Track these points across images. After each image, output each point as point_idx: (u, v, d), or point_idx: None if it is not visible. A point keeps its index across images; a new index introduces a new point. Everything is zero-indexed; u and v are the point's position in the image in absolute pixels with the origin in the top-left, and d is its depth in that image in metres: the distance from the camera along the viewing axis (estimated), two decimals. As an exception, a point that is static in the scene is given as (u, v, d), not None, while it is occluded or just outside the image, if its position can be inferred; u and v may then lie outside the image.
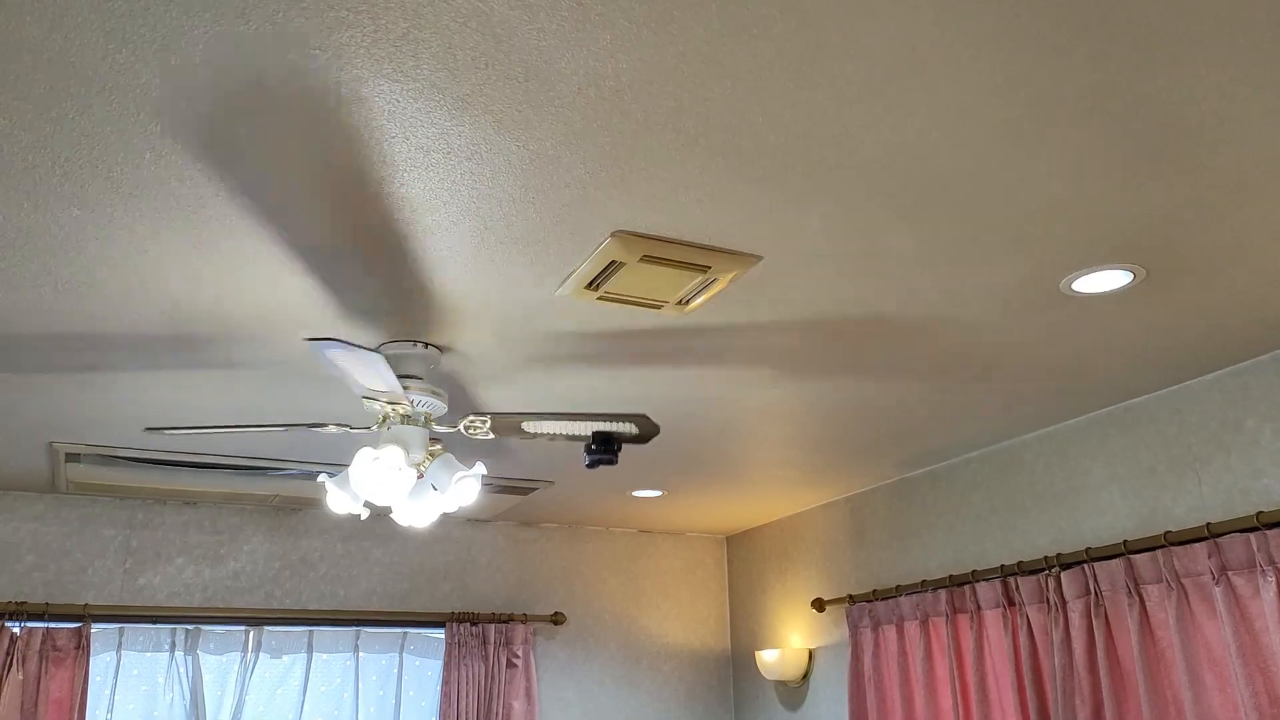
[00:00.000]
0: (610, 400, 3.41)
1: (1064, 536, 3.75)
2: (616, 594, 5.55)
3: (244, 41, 1.62)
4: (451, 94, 1.77)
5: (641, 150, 1.95)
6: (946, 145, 1.96)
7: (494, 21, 1.59)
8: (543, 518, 5.32)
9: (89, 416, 3.46)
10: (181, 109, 1.80)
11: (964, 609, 4.03)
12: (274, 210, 2.15)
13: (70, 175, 2.00)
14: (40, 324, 2.69)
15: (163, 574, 4.63)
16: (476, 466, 2.79)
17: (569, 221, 2.22)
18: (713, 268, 2.42)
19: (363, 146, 1.92)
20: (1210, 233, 2.33)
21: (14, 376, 3.07)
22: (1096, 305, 2.72)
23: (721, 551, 5.90)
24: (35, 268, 2.37)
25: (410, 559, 5.13)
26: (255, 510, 4.87)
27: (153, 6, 1.54)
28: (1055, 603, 3.59)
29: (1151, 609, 3.30)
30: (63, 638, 4.26)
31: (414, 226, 2.22)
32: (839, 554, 4.97)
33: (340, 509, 2.86)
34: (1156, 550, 3.30)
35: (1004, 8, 1.59)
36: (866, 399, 3.46)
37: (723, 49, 1.67)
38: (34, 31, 1.59)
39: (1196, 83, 1.79)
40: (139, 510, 4.66)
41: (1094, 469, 3.67)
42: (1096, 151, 1.99)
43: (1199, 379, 3.32)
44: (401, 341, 2.86)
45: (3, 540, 4.40)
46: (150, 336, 2.79)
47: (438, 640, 5.04)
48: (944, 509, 4.35)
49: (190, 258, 2.35)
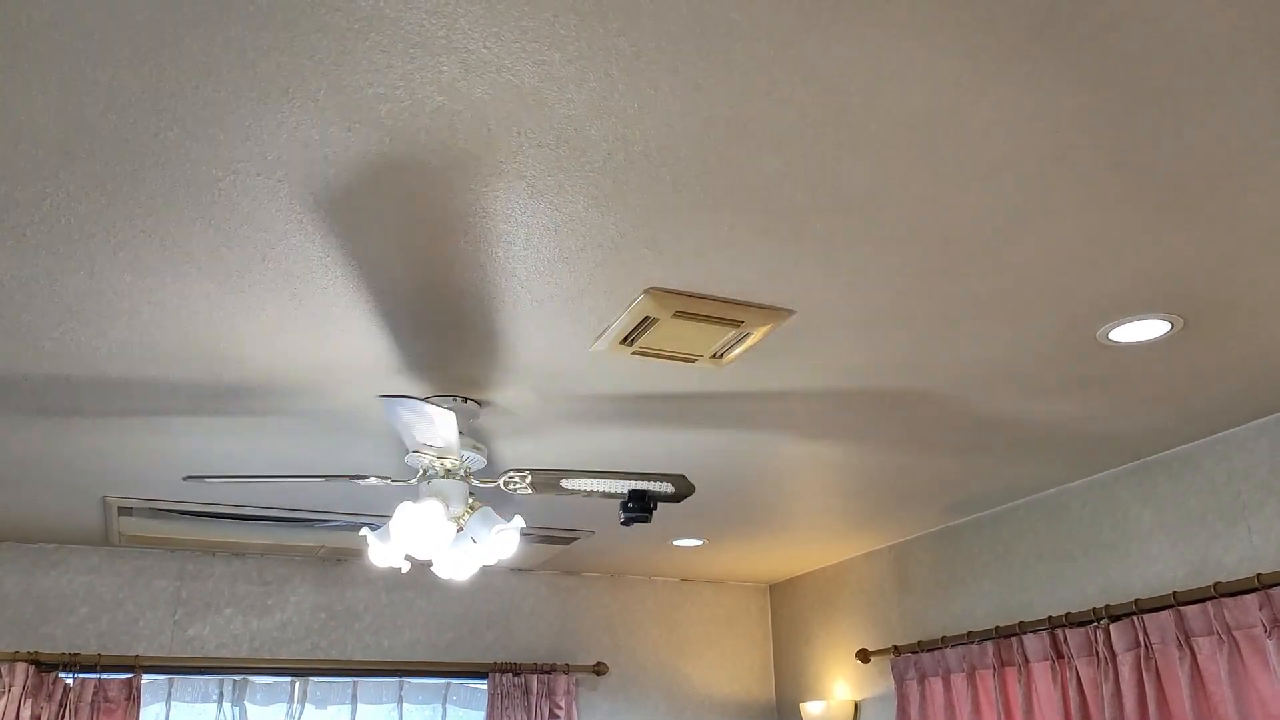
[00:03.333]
0: (646, 452, 3.43)
1: (1112, 586, 3.69)
2: (659, 643, 5.52)
3: (288, 117, 1.70)
4: (485, 162, 1.83)
5: (671, 211, 2.00)
6: (973, 201, 1.98)
7: (525, 93, 1.65)
8: (584, 567, 5.33)
9: (140, 471, 3.56)
10: (230, 180, 1.87)
11: (1011, 661, 3.96)
12: (317, 273, 2.22)
13: (125, 244, 2.08)
14: (96, 383, 2.78)
15: (211, 625, 4.70)
16: (515, 520, 2.82)
17: (603, 280, 2.27)
18: (745, 322, 2.45)
19: (404, 215, 1.98)
20: (1247, 281, 2.32)
21: (71, 433, 3.17)
22: (1136, 354, 2.70)
23: (765, 600, 5.85)
24: (92, 331, 2.46)
25: (453, 609, 5.15)
26: (302, 561, 4.94)
27: (202, 86, 1.62)
28: (1105, 655, 3.52)
29: (1203, 662, 3.22)
30: (114, 689, 4.33)
31: (450, 289, 2.28)
32: (883, 603, 4.91)
33: (381, 562, 2.91)
34: (1207, 601, 3.24)
35: (1024, 70, 1.61)
36: (906, 450, 3.45)
37: (747, 114, 1.71)
38: (91, 111, 1.67)
39: (1220, 136, 1.79)
40: (189, 561, 4.74)
41: (1142, 517, 3.61)
42: (1125, 204, 2.00)
43: (1246, 425, 3.26)
44: (442, 397, 2.91)
45: (58, 592, 4.50)
46: (199, 394, 2.87)
47: (481, 691, 5.04)
48: (989, 558, 4.30)
49: (237, 319, 2.43)
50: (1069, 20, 1.51)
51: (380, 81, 1.62)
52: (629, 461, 3.53)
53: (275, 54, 1.55)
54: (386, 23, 1.49)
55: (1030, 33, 1.54)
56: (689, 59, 1.58)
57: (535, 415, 3.09)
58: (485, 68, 1.59)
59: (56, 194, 1.91)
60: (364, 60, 1.57)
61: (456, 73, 1.60)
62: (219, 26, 1.50)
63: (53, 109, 1.67)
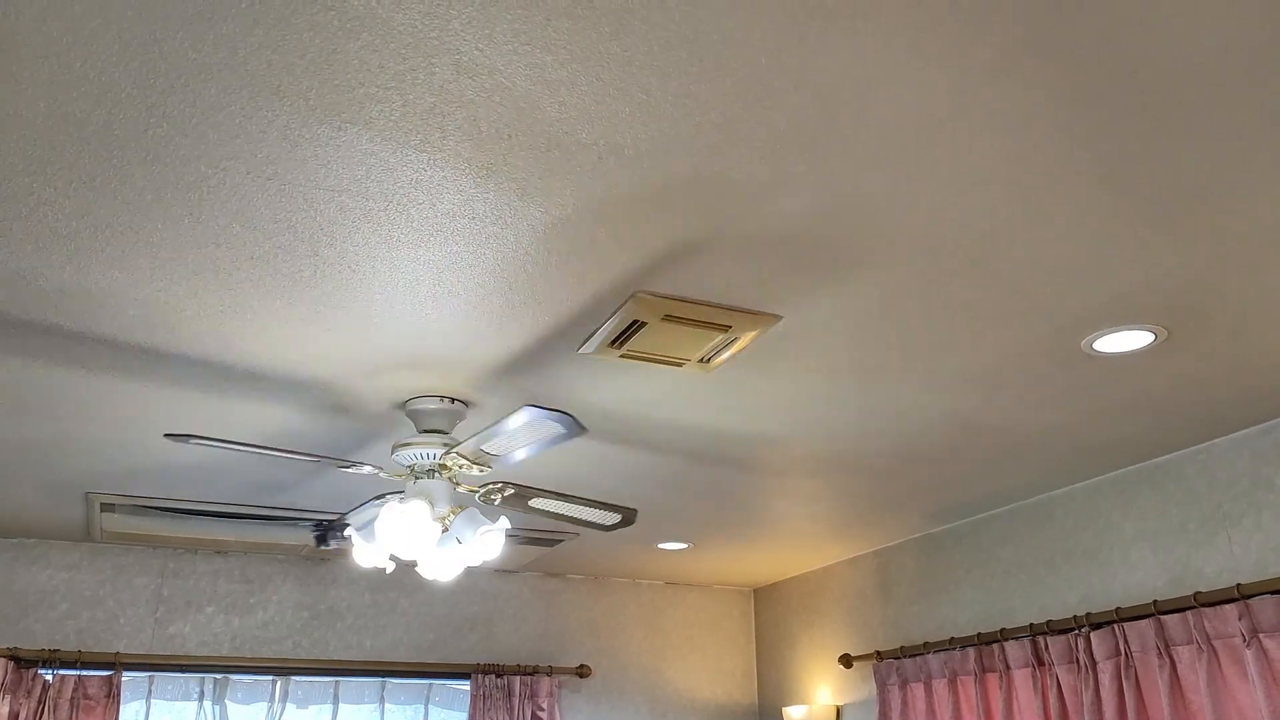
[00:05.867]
0: (631, 457, 3.43)
1: (1094, 594, 3.71)
2: (642, 646, 5.52)
3: (278, 116, 1.69)
4: (476, 163, 1.83)
5: (660, 215, 2.00)
6: (961, 210, 1.99)
7: (516, 96, 1.65)
8: (569, 569, 5.33)
9: (124, 467, 3.54)
10: (219, 177, 1.87)
11: (993, 668, 3.98)
12: (305, 273, 2.21)
13: (111, 241, 2.07)
14: (80, 379, 2.76)
15: (193, 623, 4.67)
16: (500, 521, 2.82)
17: (592, 283, 2.27)
18: (733, 326, 2.46)
19: (391, 212, 1.98)
20: (1231, 293, 2.34)
21: (53, 428, 3.15)
22: (1119, 364, 2.72)
23: (749, 604, 5.86)
24: (77, 326, 2.45)
25: (437, 610, 5.14)
26: (284, 560, 4.92)
27: (192, 83, 1.62)
28: (1085, 663, 3.54)
29: (1182, 671, 3.24)
30: (94, 686, 4.30)
31: (440, 288, 2.28)
32: (867, 609, 4.93)
33: (366, 562, 2.90)
34: (1187, 611, 3.26)
35: (1014, 81, 1.62)
36: (890, 456, 3.46)
37: (737, 120, 1.72)
38: (79, 106, 1.67)
39: (1208, 150, 1.81)
40: (171, 559, 4.72)
41: (1124, 526, 3.63)
42: (1112, 215, 2.02)
43: (1228, 436, 3.29)
44: (428, 396, 2.90)
45: (38, 588, 4.47)
46: (185, 392, 2.86)
47: (463, 692, 5.03)
48: (972, 564, 4.32)
49: (224, 318, 2.42)
50: (1060, 32, 1.52)
51: (371, 81, 1.62)
52: (613, 467, 3.53)
53: (266, 52, 1.55)
54: (378, 23, 1.49)
55: (1021, 43, 1.55)
56: (681, 64, 1.58)
57: (522, 417, 3.09)
58: (477, 70, 1.59)
59: (43, 189, 1.89)
60: (355, 60, 1.57)
61: (448, 74, 1.60)
62: (210, 24, 1.49)
63: (41, 104, 1.66)
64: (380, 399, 2.94)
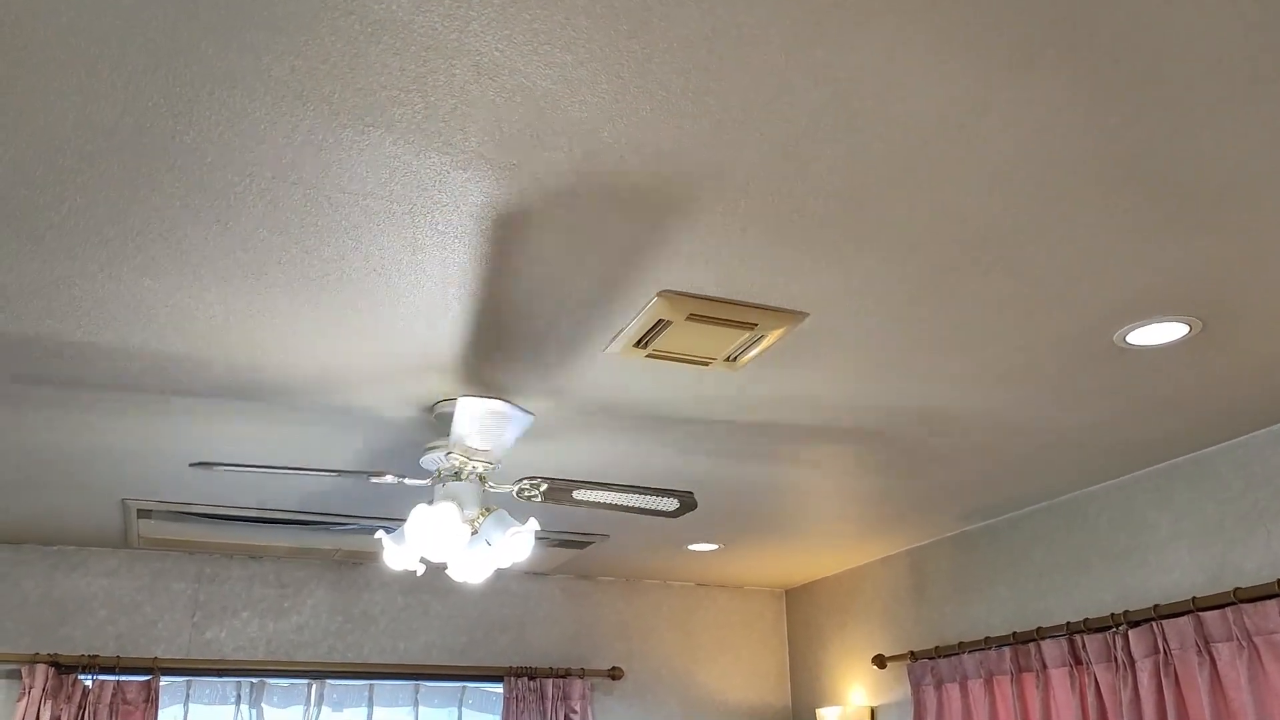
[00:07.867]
0: (659, 457, 3.43)
1: (1130, 593, 3.66)
2: (674, 648, 5.51)
3: (302, 120, 1.71)
4: (499, 164, 1.84)
5: (684, 213, 2.00)
6: (986, 205, 1.97)
7: (537, 95, 1.66)
8: (600, 571, 5.33)
9: (160, 473, 3.58)
10: (246, 183, 1.89)
11: (1029, 667, 3.94)
12: (332, 276, 2.23)
13: (143, 248, 2.10)
14: (115, 386, 2.80)
15: (229, 628, 4.72)
16: (529, 523, 2.82)
17: (616, 283, 2.27)
18: (759, 325, 2.45)
19: (415, 215, 1.99)
20: (1266, 284, 2.30)
21: (91, 435, 3.20)
22: (1152, 358, 2.68)
23: (780, 605, 5.83)
24: (110, 335, 2.49)
25: (469, 612, 5.16)
26: (318, 564, 4.96)
27: (218, 90, 1.64)
28: (1123, 662, 3.49)
29: (1223, 668, 3.19)
30: (133, 690, 4.36)
31: (465, 288, 2.29)
32: (900, 609, 4.89)
33: (397, 565, 2.92)
34: (1226, 608, 3.20)
35: (1037, 76, 1.61)
36: (922, 454, 3.43)
37: (759, 116, 1.71)
38: (108, 116, 1.69)
39: (1234, 143, 1.78)
40: (207, 564, 4.77)
41: (1160, 523, 3.58)
42: (1140, 208, 1.99)
43: (1265, 430, 3.23)
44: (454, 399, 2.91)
45: (78, 595, 4.54)
46: (216, 397, 2.89)
47: (496, 695, 5.05)
48: (1006, 563, 4.27)
49: (253, 323, 2.44)
50: (1081, 29, 1.51)
51: (393, 84, 1.63)
52: (641, 468, 3.53)
53: (289, 58, 1.57)
54: (399, 26, 1.51)
55: (1043, 40, 1.53)
56: (700, 62, 1.58)
57: (548, 419, 3.10)
58: (498, 70, 1.60)
59: (75, 198, 1.93)
60: (377, 63, 1.58)
61: (469, 75, 1.61)
62: (234, 32, 1.51)
63: (71, 114, 1.69)
64: (408, 403, 2.96)
